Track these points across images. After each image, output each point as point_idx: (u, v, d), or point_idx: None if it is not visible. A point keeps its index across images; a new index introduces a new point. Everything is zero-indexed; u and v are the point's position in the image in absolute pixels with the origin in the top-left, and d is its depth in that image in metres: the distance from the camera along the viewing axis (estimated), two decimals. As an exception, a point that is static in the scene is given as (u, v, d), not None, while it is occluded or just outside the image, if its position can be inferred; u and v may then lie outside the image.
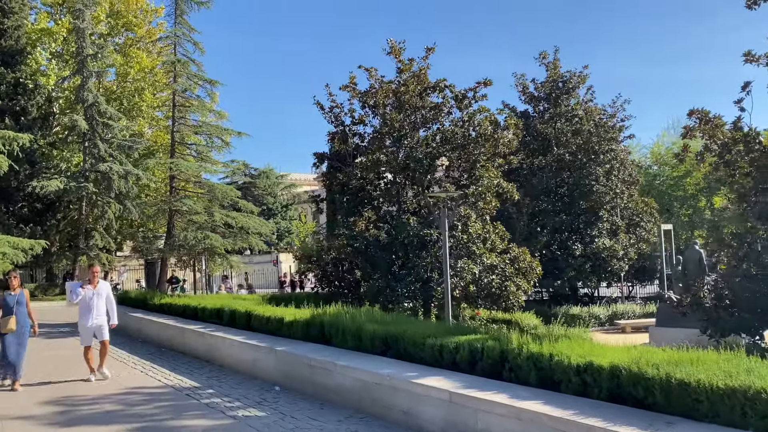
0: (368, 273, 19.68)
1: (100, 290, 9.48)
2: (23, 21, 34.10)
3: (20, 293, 8.77)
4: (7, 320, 8.46)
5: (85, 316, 9.30)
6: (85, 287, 9.34)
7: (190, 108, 38.22)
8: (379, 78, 20.92)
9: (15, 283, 8.77)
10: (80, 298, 9.20)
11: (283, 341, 9.51)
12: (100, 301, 9.42)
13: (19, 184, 31.52)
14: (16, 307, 8.56)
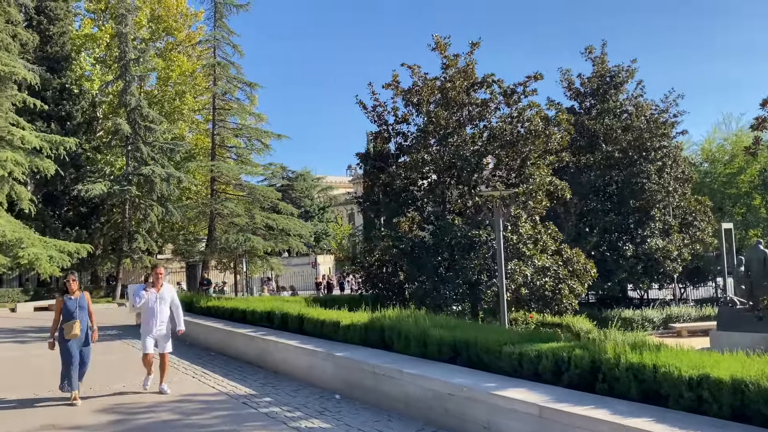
0: (414, 275, 19.20)
1: (163, 294, 8.67)
2: (68, 27, 34.64)
3: (81, 297, 8.10)
4: (71, 325, 7.84)
5: (147, 322, 8.56)
6: (148, 290, 8.58)
7: (230, 111, 38.39)
8: (422, 75, 20.44)
9: (74, 286, 8.08)
10: (143, 302, 8.48)
11: (340, 346, 9.07)
12: (164, 306, 8.62)
13: (65, 188, 31.95)
14: (78, 312, 7.93)
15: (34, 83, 27.79)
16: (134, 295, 8.72)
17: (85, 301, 8.14)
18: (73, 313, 7.90)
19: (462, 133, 18.90)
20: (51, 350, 8.05)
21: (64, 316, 7.89)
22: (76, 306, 7.96)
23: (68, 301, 7.94)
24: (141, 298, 8.50)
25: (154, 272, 8.90)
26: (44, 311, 27.40)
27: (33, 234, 26.74)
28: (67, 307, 7.90)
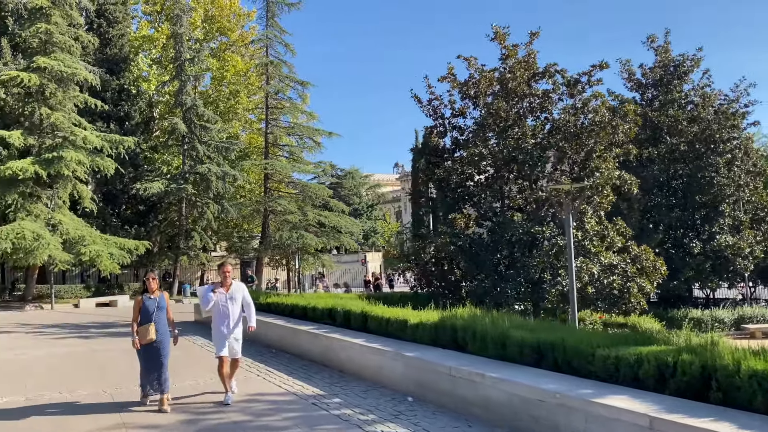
0: (472, 273, 18.68)
1: (233, 293, 7.87)
2: (126, 30, 35.45)
3: (160, 297, 7.55)
4: (146, 329, 7.27)
5: (218, 325, 7.81)
6: (217, 291, 7.82)
7: (282, 110, 38.60)
8: (479, 67, 19.87)
9: (154, 286, 7.51)
10: (212, 304, 7.75)
11: (409, 346, 8.70)
12: (235, 306, 7.86)
13: (123, 187, 32.69)
14: (156, 313, 7.37)
15: (95, 84, 28.49)
16: (202, 298, 8.03)
17: (164, 302, 7.61)
18: (151, 314, 7.37)
19: (523, 126, 18.26)
20: (137, 349, 7.54)
21: (141, 316, 7.40)
22: (154, 306, 7.42)
23: (147, 301, 7.45)
24: (210, 300, 7.76)
25: (221, 271, 8.08)
26: (105, 307, 28.10)
27: (94, 232, 27.41)
28: (146, 307, 7.41)
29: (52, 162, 25.31)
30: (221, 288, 7.88)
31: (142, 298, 7.50)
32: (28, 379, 9.78)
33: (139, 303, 7.50)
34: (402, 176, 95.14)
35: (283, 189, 39.78)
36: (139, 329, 7.36)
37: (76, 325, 19.26)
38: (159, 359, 7.42)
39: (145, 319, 7.36)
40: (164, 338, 7.50)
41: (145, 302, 7.44)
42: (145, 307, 7.41)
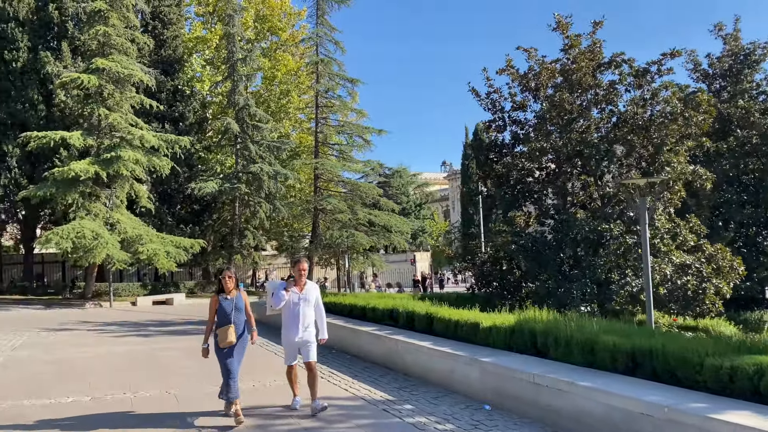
0: (534, 273, 17.97)
1: (307, 294, 7.17)
2: (180, 31, 35.91)
3: (237, 296, 6.89)
4: (225, 331, 6.67)
5: (289, 328, 7.10)
6: (290, 290, 7.08)
7: (332, 108, 38.47)
8: (539, 59, 19.17)
9: (230, 284, 6.85)
10: (284, 303, 7.06)
11: (482, 350, 8.21)
12: (308, 308, 7.14)
13: (178, 186, 33.12)
14: (234, 314, 6.75)
15: (151, 85, 28.89)
16: (274, 296, 7.21)
17: (242, 302, 6.91)
18: (228, 315, 6.74)
19: (588, 118, 17.45)
20: (205, 358, 6.90)
21: (218, 318, 6.79)
22: (232, 307, 6.78)
23: (224, 302, 6.80)
24: (281, 299, 7.03)
25: (296, 268, 7.27)
26: (161, 305, 28.47)
27: (151, 230, 27.80)
28: (223, 308, 6.78)
29: (110, 162, 25.75)
30: (295, 287, 7.14)
31: (218, 298, 6.86)
32: (91, 377, 9.69)
33: (215, 304, 6.86)
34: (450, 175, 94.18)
35: (332, 188, 39.66)
36: (219, 331, 6.76)
37: (135, 323, 19.43)
38: (236, 365, 6.88)
39: (223, 321, 6.75)
40: (242, 342, 6.91)
41: (222, 303, 6.80)
42: (222, 308, 6.78)
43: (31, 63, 31.00)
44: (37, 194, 25.00)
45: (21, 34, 31.19)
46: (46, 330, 17.02)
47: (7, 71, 30.82)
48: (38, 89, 31.03)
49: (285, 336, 7.22)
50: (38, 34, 31.97)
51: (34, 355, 12.21)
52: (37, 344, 13.96)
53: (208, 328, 6.91)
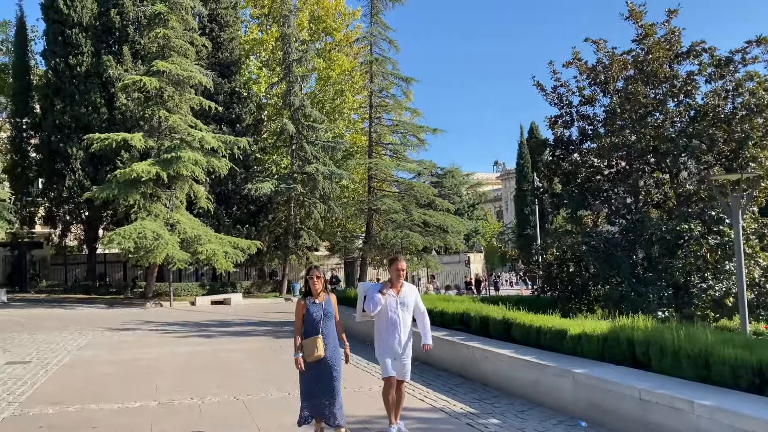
0: (605, 275, 17.02)
1: (405, 297, 6.13)
2: (236, 33, 36.19)
3: (326, 301, 5.89)
4: (314, 343, 5.70)
5: (385, 336, 6.07)
6: (386, 292, 6.07)
7: (386, 108, 38.09)
8: (608, 51, 18.19)
9: (319, 286, 5.86)
10: (379, 309, 6.03)
11: (571, 360, 7.54)
12: (407, 314, 6.13)
13: (235, 187, 33.32)
14: (324, 323, 5.77)
15: (209, 87, 29.12)
16: (366, 300, 6.15)
17: (332, 307, 5.93)
18: (317, 323, 5.77)
19: (664, 111, 16.40)
20: (301, 370, 5.83)
21: (305, 327, 5.82)
22: (320, 313, 5.79)
23: (311, 307, 5.82)
24: (377, 303, 6.00)
25: (393, 267, 6.14)
26: (219, 305, 28.63)
27: (210, 231, 27.98)
28: (311, 314, 5.80)
29: (171, 162, 26.01)
30: (391, 290, 6.09)
31: (304, 302, 5.86)
32: (157, 379, 9.48)
33: (301, 309, 5.85)
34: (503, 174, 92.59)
35: (385, 188, 39.30)
36: (305, 343, 5.77)
37: (196, 323, 19.43)
38: (330, 382, 5.81)
39: (311, 330, 5.78)
40: (335, 354, 5.84)
41: (309, 308, 5.82)
42: (309, 314, 5.81)
43: (94, 67, 31.77)
44: (100, 195, 25.47)
45: (84, 39, 32.01)
46: (109, 330, 17.14)
47: (72, 76, 31.67)
48: (100, 93, 31.79)
49: (380, 347, 6.16)
50: (100, 38, 32.76)
51: (99, 355, 12.17)
52: (102, 344, 13.97)
53: (297, 333, 5.94)
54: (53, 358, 11.60)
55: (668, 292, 15.86)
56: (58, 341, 14.35)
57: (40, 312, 23.76)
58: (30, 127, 33.93)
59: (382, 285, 6.20)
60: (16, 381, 9.30)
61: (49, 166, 32.47)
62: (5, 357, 11.76)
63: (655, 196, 18.39)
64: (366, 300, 6.19)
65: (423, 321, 6.38)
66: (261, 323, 19.44)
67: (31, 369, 10.40)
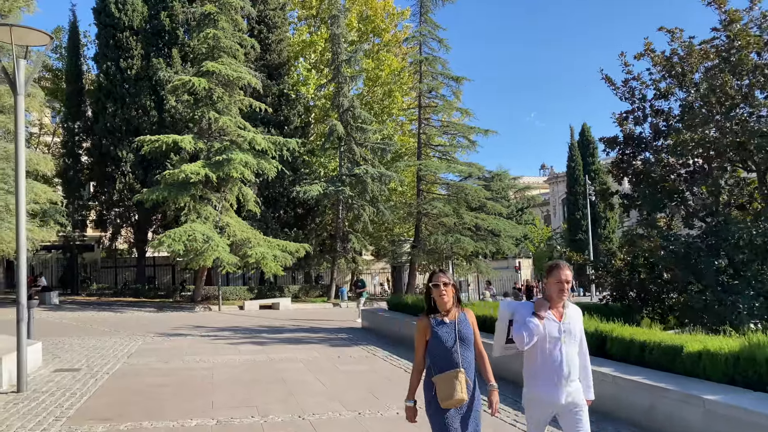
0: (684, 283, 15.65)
1: (570, 323, 4.21)
2: (284, 35, 35.79)
3: (461, 318, 4.10)
4: (451, 381, 3.93)
5: (542, 380, 4.16)
6: (544, 315, 4.16)
7: (435, 108, 37.09)
8: (685, 41, 16.84)
9: (448, 299, 4.07)
10: (536, 339, 4.12)
11: (690, 383, 6.46)
12: (572, 346, 4.20)
13: (283, 190, 32.83)
14: (461, 350, 3.99)
15: (258, 88, 28.70)
16: (517, 325, 4.15)
17: (470, 328, 4.10)
18: (451, 351, 3.96)
19: (753, 104, 14.97)
20: (412, 422, 4.13)
21: (433, 356, 4.03)
22: (454, 338, 4.00)
23: (439, 329, 4.03)
24: (532, 331, 4.09)
25: (553, 278, 4.18)
26: (268, 309, 28.09)
27: (258, 234, 27.48)
28: (440, 339, 4.01)
29: (221, 164, 25.62)
30: (549, 310, 4.18)
31: (429, 322, 4.07)
32: (213, 393, 8.73)
33: (424, 332, 4.08)
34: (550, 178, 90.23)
35: (434, 191, 38.26)
36: (438, 380, 3.93)
37: (247, 329, 18.81)
38: None
39: (442, 361, 3.96)
40: (473, 401, 4.05)
41: (436, 330, 4.02)
42: (438, 339, 4.00)
43: (144, 70, 31.81)
44: (150, 197, 25.23)
45: (135, 43, 32.10)
46: (160, 335, 16.63)
47: (123, 79, 31.79)
48: (150, 96, 31.79)
49: (532, 394, 4.22)
50: (150, 41, 32.81)
51: (150, 363, 11.53)
52: (152, 350, 13.39)
53: (416, 370, 4.13)
54: (103, 366, 11.02)
55: (759, 301, 14.46)
56: (108, 347, 13.86)
57: (90, 315, 23.61)
58: (82, 131, 34.24)
59: (536, 304, 4.24)
60: (64, 392, 8.68)
61: (99, 170, 32.65)
62: (54, 363, 11.25)
63: (737, 196, 16.94)
64: (514, 326, 4.17)
65: (586, 362, 4.36)
66: (313, 329, 18.69)
67: (80, 378, 9.80)
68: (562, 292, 4.17)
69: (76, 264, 36.56)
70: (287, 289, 33.79)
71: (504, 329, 4.27)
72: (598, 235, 54.41)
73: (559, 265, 4.22)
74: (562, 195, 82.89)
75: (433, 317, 4.10)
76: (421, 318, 4.16)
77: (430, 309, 4.13)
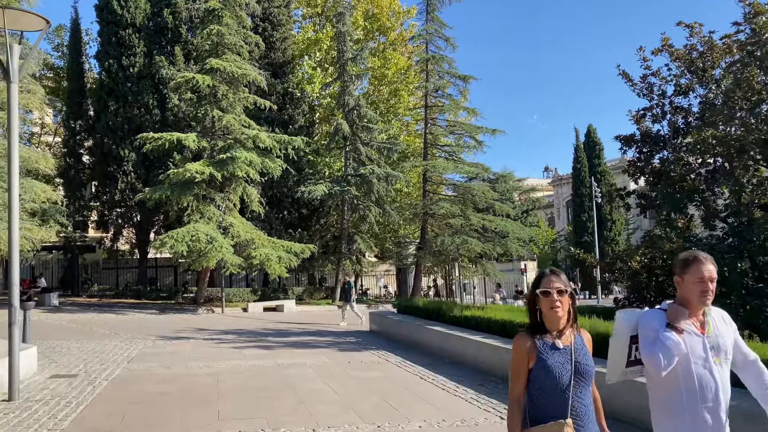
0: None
1: (717, 336, 3.13)
2: (289, 33, 35.25)
3: (578, 343, 2.93)
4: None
5: (683, 415, 3.02)
6: (682, 327, 3.06)
7: (442, 108, 36.53)
8: (704, 37, 16.29)
9: (563, 313, 2.90)
10: (675, 361, 3.00)
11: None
12: (724, 368, 3.10)
13: (287, 190, 32.26)
14: (575, 390, 2.86)
15: (263, 86, 28.15)
16: (646, 342, 3.05)
17: (590, 358, 2.96)
18: (563, 391, 2.85)
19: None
20: None
21: (533, 393, 2.91)
22: (570, 371, 2.87)
23: (550, 356, 2.88)
24: (671, 351, 2.99)
25: (693, 275, 3.09)
26: (272, 311, 27.50)
27: (262, 235, 26.90)
28: (549, 370, 2.86)
29: (225, 163, 25.04)
30: (686, 321, 3.10)
31: (534, 343, 2.92)
32: (218, 402, 8.15)
33: (526, 358, 2.93)
34: (554, 180, 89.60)
35: (440, 191, 37.63)
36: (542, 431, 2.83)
37: (252, 332, 18.21)
38: None
39: (551, 405, 2.85)
40: None
41: (545, 359, 2.88)
42: (546, 371, 2.87)
43: (147, 68, 31.26)
44: (152, 196, 24.65)
45: (137, 40, 31.57)
46: (161, 338, 16.04)
47: (125, 77, 31.25)
48: (153, 94, 31.25)
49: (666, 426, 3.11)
50: (153, 39, 32.28)
51: (152, 369, 10.95)
52: (154, 355, 12.81)
53: (517, 407, 2.92)
54: (102, 372, 10.44)
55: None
56: (107, 351, 13.28)
57: (90, 317, 23.04)
58: (83, 130, 33.67)
59: (669, 311, 3.13)
60: (59, 400, 8.10)
61: (101, 169, 32.09)
62: (51, 369, 10.67)
63: (759, 196, 16.35)
64: (642, 343, 3.08)
65: (761, 379, 3.14)
66: (319, 333, 18.11)
67: (77, 385, 9.21)
68: (705, 294, 3.05)
69: (77, 265, 35.98)
70: (291, 291, 33.19)
71: (624, 347, 3.14)
72: (604, 237, 53.84)
73: (699, 258, 3.12)
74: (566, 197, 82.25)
75: (540, 338, 2.89)
76: (520, 336, 2.97)
77: (536, 326, 2.95)
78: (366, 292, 41.37)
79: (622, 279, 17.89)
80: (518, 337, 3.00)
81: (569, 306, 2.93)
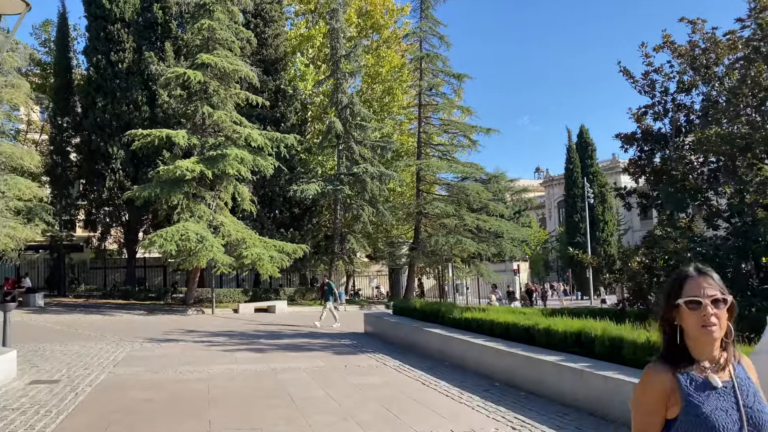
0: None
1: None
2: (282, 29, 34.71)
3: (741, 376, 1.89)
4: None
5: None
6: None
7: (436, 106, 36.13)
8: (707, 33, 15.97)
9: (719, 334, 1.85)
10: None
11: None
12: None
13: (279, 189, 31.73)
14: None
15: (255, 83, 27.61)
16: None
17: (757, 394, 1.89)
18: None
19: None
20: None
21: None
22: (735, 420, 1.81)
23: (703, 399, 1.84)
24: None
25: None
26: (263, 312, 26.95)
27: (254, 234, 26.36)
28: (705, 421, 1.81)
29: (216, 161, 24.48)
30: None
31: (675, 382, 1.87)
32: (209, 410, 7.65)
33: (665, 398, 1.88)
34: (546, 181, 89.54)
35: (434, 191, 37.23)
36: None
37: (243, 333, 17.70)
38: None
39: None
40: None
41: (696, 405, 1.83)
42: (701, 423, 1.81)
43: (136, 64, 30.63)
44: (141, 195, 24.05)
45: (126, 36, 30.92)
46: (149, 340, 15.49)
47: (113, 73, 30.59)
48: (142, 90, 30.61)
49: None
50: (143, 35, 31.63)
51: (138, 374, 10.42)
52: (141, 358, 12.28)
53: None
54: (86, 377, 9.90)
55: (793, 307, 13.55)
56: (92, 354, 12.73)
57: (76, 318, 22.41)
58: (71, 127, 32.93)
59: None
60: (38, 409, 7.57)
61: (89, 167, 31.38)
62: (31, 374, 10.12)
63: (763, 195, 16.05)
64: None
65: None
66: (313, 335, 17.62)
67: (59, 392, 8.68)
68: None
69: (64, 265, 35.21)
70: (282, 292, 32.65)
71: None
72: (597, 238, 53.68)
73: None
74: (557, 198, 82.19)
75: (685, 373, 1.89)
76: (654, 370, 1.94)
77: (674, 352, 1.93)
78: (358, 292, 40.86)
79: (621, 279, 17.56)
80: (650, 369, 1.95)
81: (727, 321, 1.90)
